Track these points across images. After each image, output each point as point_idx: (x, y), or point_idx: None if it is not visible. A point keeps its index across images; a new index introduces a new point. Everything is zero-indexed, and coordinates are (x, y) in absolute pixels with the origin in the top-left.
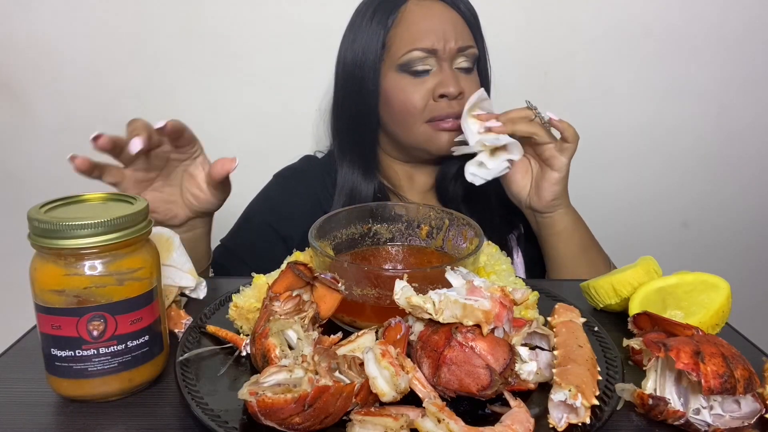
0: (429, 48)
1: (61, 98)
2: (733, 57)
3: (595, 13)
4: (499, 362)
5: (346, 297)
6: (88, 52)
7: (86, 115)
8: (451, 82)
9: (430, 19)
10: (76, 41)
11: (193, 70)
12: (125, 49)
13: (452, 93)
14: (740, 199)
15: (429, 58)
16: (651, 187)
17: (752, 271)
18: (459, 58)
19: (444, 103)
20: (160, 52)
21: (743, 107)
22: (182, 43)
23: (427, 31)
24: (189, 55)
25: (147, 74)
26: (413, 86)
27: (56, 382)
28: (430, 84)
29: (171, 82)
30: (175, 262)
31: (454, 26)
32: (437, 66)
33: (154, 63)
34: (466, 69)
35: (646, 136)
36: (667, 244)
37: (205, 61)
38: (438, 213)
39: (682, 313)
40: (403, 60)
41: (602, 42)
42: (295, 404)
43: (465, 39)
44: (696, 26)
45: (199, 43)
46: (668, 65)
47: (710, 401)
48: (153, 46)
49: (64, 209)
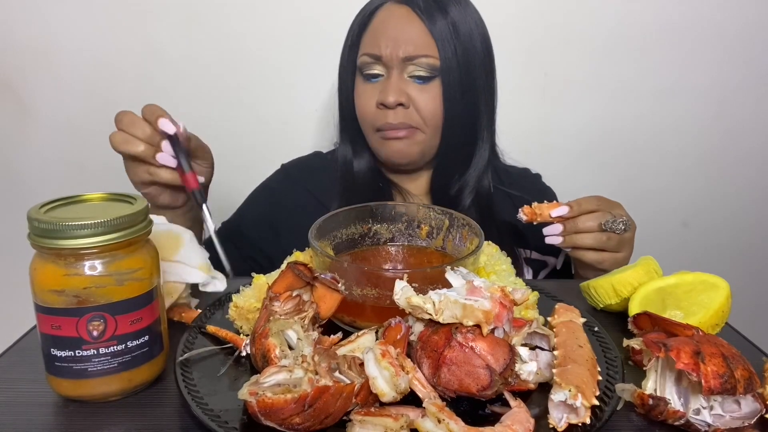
0: (376, 54)
1: (61, 98)
2: (734, 56)
3: (595, 13)
4: (499, 362)
5: (346, 297)
6: (89, 52)
7: (86, 115)
8: (390, 91)
9: (384, 25)
10: (76, 41)
11: (193, 70)
12: (125, 49)
13: (389, 102)
14: (740, 199)
15: (376, 64)
16: (651, 187)
17: (752, 271)
18: (410, 67)
19: (388, 114)
20: (160, 52)
21: (743, 107)
22: (183, 43)
23: (379, 37)
24: (189, 55)
25: (147, 74)
26: (365, 91)
27: (56, 382)
28: (377, 91)
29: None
30: (183, 258)
31: (408, 33)
32: (386, 73)
33: (154, 63)
34: (420, 78)
35: (646, 136)
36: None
37: (206, 61)
38: (438, 213)
39: (682, 313)
40: (359, 64)
41: (602, 42)
42: (295, 404)
43: (418, 48)
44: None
45: (200, 43)
46: (668, 65)
47: (710, 401)
48: (153, 46)
49: (64, 209)
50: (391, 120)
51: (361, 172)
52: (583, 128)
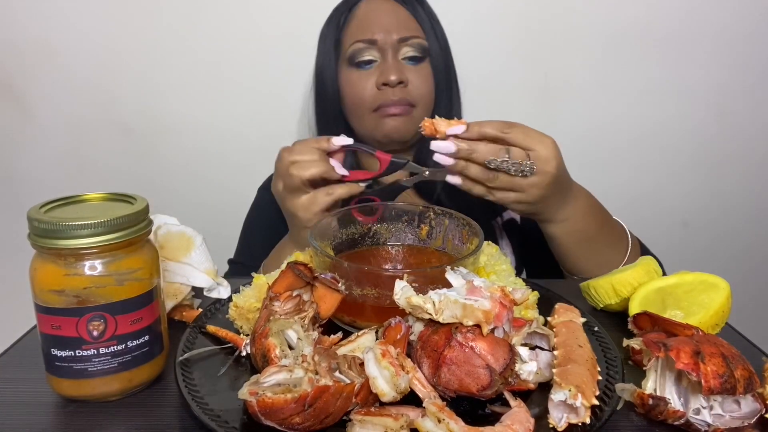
0: (369, 39)
1: (61, 98)
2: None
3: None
4: (499, 362)
5: (346, 297)
6: (89, 53)
7: (86, 116)
8: (391, 71)
9: (373, 13)
10: (76, 42)
11: (193, 70)
12: (125, 50)
13: (392, 81)
14: (740, 199)
15: (371, 49)
16: (651, 187)
17: (752, 271)
18: (403, 48)
19: (388, 92)
20: (160, 52)
21: (744, 107)
22: (183, 43)
23: (369, 24)
24: (189, 56)
25: (147, 75)
26: (360, 79)
27: (56, 382)
28: (374, 75)
29: (171, 83)
30: (193, 261)
31: (397, 18)
32: (381, 57)
33: (154, 63)
34: (413, 59)
35: (646, 136)
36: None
37: (206, 62)
38: (438, 213)
39: (682, 313)
40: (349, 53)
41: (602, 42)
42: (295, 404)
43: (409, 30)
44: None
45: (200, 44)
46: (668, 65)
47: (710, 401)
48: (153, 47)
49: (64, 209)
50: (391, 97)
51: None
52: (583, 128)
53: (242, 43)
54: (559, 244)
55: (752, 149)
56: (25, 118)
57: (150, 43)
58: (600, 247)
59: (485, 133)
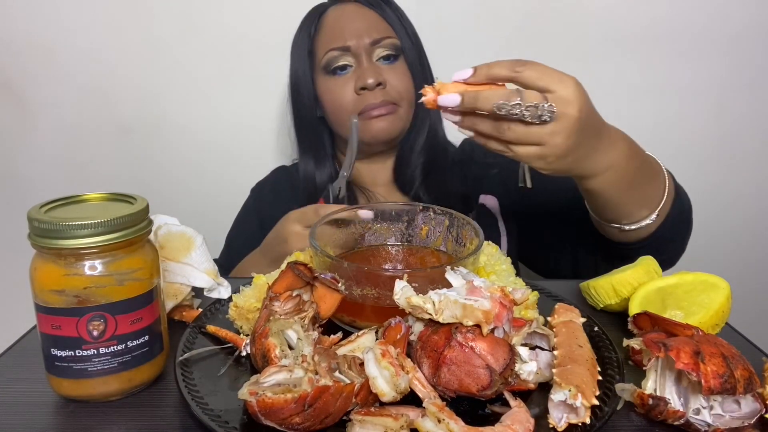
0: (342, 46)
1: (61, 98)
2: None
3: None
4: (499, 362)
5: (346, 297)
6: (89, 53)
7: (86, 116)
8: (368, 74)
9: (343, 19)
10: (76, 41)
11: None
12: (125, 50)
13: (370, 84)
14: (740, 199)
15: (345, 56)
16: None
17: (752, 271)
18: (377, 50)
19: (369, 95)
20: (160, 52)
21: (743, 107)
22: (183, 44)
23: (341, 31)
24: (189, 57)
25: (147, 75)
26: (338, 86)
27: (56, 382)
28: (352, 80)
29: (171, 83)
30: (193, 261)
31: (367, 21)
32: (356, 62)
33: (154, 63)
34: (387, 57)
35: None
36: None
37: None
38: (438, 213)
39: (682, 313)
40: (324, 62)
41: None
42: (295, 404)
43: (379, 31)
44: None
45: (200, 45)
46: (668, 65)
47: (710, 401)
48: (153, 47)
49: (64, 209)
50: (372, 100)
51: (323, 183)
52: None
53: (242, 45)
54: (602, 197)
55: (752, 149)
56: (25, 118)
57: (150, 44)
58: (643, 188)
59: (495, 74)
